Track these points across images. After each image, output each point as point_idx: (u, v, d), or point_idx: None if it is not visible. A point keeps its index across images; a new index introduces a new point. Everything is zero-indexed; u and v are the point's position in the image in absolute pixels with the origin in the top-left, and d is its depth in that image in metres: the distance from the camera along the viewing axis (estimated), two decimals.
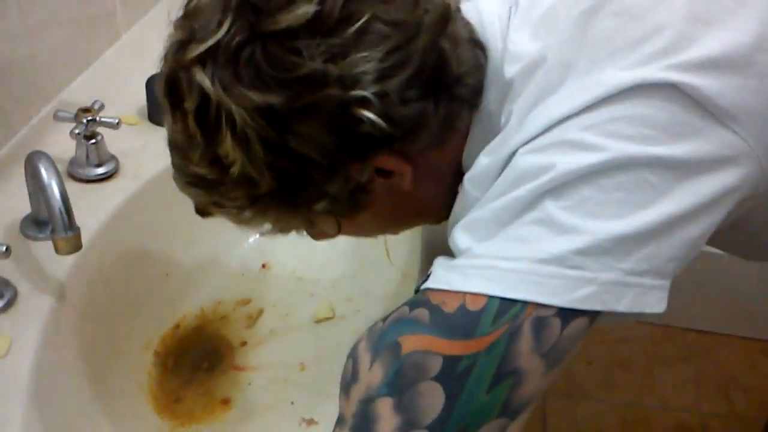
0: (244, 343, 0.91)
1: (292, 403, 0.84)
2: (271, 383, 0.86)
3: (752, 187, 0.51)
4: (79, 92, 0.99)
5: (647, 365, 1.67)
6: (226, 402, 0.84)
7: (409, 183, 0.57)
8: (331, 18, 0.50)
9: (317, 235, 0.67)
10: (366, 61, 0.50)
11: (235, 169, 0.52)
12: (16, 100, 0.90)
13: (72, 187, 0.86)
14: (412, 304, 0.50)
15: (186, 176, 0.57)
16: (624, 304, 0.48)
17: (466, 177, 0.57)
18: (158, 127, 0.95)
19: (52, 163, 0.70)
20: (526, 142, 0.51)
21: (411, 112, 0.53)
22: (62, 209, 0.68)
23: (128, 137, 0.94)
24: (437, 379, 0.47)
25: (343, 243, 1.03)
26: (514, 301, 0.47)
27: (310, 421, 0.79)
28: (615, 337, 1.73)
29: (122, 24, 1.12)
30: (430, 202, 0.63)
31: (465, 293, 0.48)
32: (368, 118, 0.51)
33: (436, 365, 0.47)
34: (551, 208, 0.48)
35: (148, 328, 0.88)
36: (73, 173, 0.89)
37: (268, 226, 0.61)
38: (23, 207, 0.80)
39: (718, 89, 0.48)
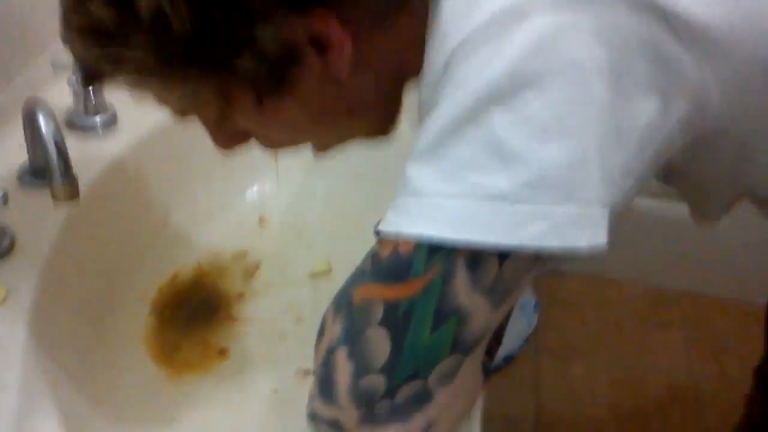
0: (241, 295, 0.91)
1: (288, 354, 0.85)
2: (267, 335, 0.87)
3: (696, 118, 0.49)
4: None
5: (640, 327, 1.69)
6: (222, 352, 0.84)
7: (346, 66, 0.50)
8: None
9: (231, 139, 0.58)
10: None
11: (143, 4, 0.44)
12: (12, 47, 0.89)
13: (69, 136, 0.86)
14: (366, 255, 0.51)
15: (79, 19, 0.47)
16: (585, 238, 0.45)
17: (422, 81, 0.51)
18: None
19: (49, 109, 0.69)
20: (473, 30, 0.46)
21: None
22: (59, 156, 0.67)
23: None
24: (382, 324, 0.47)
25: (341, 197, 1.03)
26: (444, 244, 0.45)
27: (306, 371, 0.80)
28: (608, 300, 1.74)
29: None
30: (365, 101, 0.57)
31: (398, 237, 0.47)
32: None
33: (379, 311, 0.47)
34: (497, 122, 0.44)
35: (145, 279, 0.89)
36: (71, 123, 0.88)
37: (174, 99, 0.52)
38: (21, 155, 0.79)
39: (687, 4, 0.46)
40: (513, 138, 0.44)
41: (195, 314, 0.88)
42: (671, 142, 0.50)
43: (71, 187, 0.68)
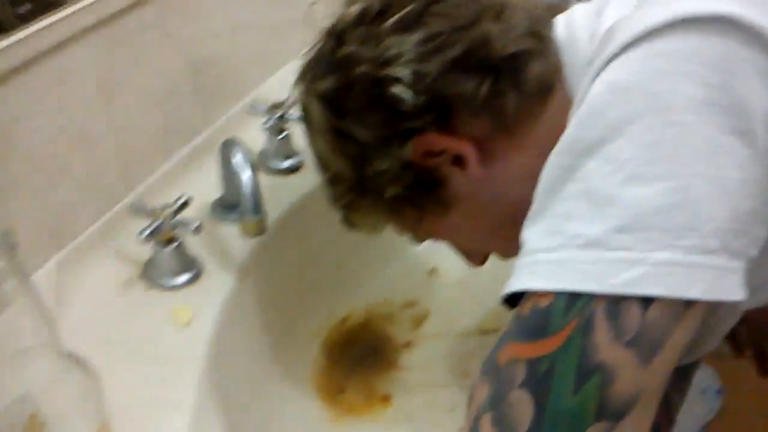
0: (408, 344, 0.91)
1: (453, 409, 0.83)
2: (432, 386, 0.85)
3: None
4: (271, 90, 1.04)
5: None
6: (386, 399, 0.84)
7: (479, 169, 0.58)
8: (372, 10, 0.59)
9: (428, 234, 0.69)
10: (401, 44, 0.57)
11: (321, 164, 0.66)
12: (216, 93, 0.96)
13: (260, 177, 0.91)
14: (512, 317, 0.49)
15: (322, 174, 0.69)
16: (698, 289, 0.42)
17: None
18: None
19: (245, 150, 0.74)
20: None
21: (447, 90, 0.56)
22: (252, 193, 0.71)
23: None
24: (524, 385, 0.44)
25: None
26: (579, 294, 0.43)
27: None
28: None
29: (314, 28, 1.16)
30: (524, 204, 0.58)
31: (533, 293, 0.45)
32: (399, 94, 0.56)
33: (521, 372, 0.44)
34: (592, 174, 0.44)
35: (318, 318, 0.91)
36: (261, 164, 0.93)
37: (371, 225, 0.69)
38: (215, 190, 0.85)
39: None
40: (608, 185, 0.43)
41: (362, 358, 0.89)
42: None
43: (260, 222, 0.72)
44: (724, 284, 0.43)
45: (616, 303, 0.43)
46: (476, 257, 0.73)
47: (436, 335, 0.93)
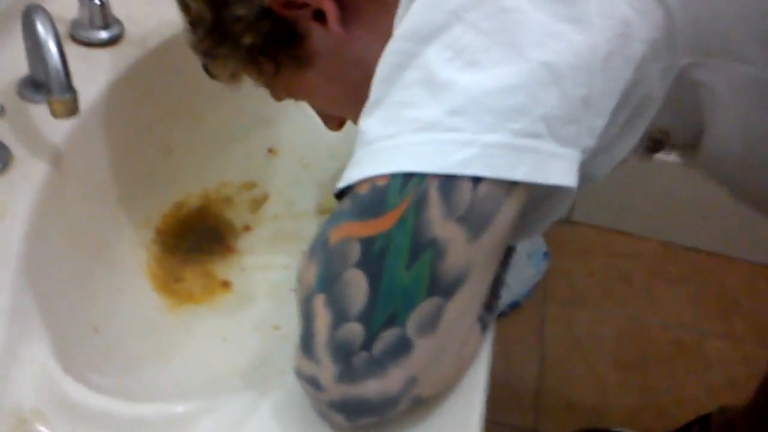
0: (246, 227, 0.88)
1: (293, 289, 0.82)
2: (273, 268, 0.84)
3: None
4: None
5: (649, 281, 1.67)
6: (226, 284, 0.82)
7: (339, 27, 0.57)
8: None
9: (285, 91, 0.68)
10: None
11: (181, 5, 0.62)
12: None
13: (73, 49, 0.81)
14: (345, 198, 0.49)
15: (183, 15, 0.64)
16: (522, 171, 0.44)
17: None
18: None
19: (49, 18, 0.65)
20: None
21: None
22: (59, 68, 0.63)
23: (137, 0, 0.88)
24: (358, 264, 0.45)
25: (354, 131, 0.99)
26: (414, 174, 0.45)
27: None
28: (618, 252, 1.72)
29: None
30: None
31: (372, 177, 0.46)
32: None
33: (355, 251, 0.45)
34: (431, 61, 0.45)
35: (149, 205, 0.85)
36: (75, 35, 0.84)
37: (229, 74, 0.65)
38: (21, 67, 0.75)
39: None
40: (445, 71, 0.44)
41: (199, 244, 0.85)
42: (641, 70, 0.48)
43: (71, 102, 0.64)
44: (550, 169, 0.45)
45: (448, 182, 0.44)
46: (332, 121, 0.72)
47: (275, 217, 0.90)
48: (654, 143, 0.59)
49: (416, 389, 0.48)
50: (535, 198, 0.50)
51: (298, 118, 1.00)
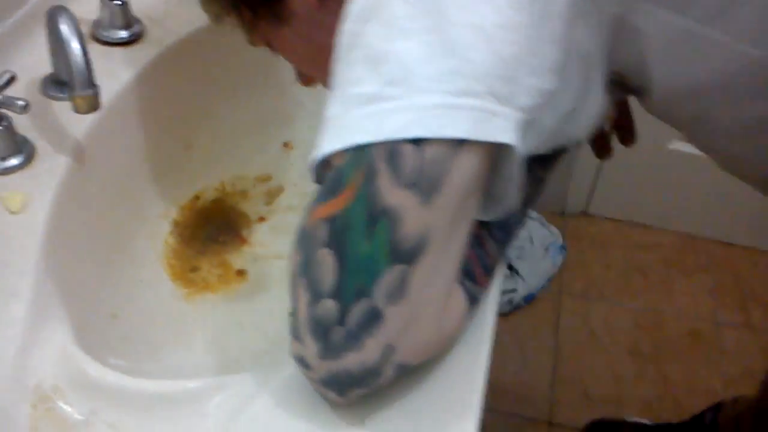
0: (262, 219, 0.91)
1: None
2: (286, 258, 0.86)
3: None
4: None
5: (666, 273, 1.67)
6: (241, 274, 0.84)
7: None
8: None
9: (262, 41, 0.68)
10: None
11: None
12: None
13: (95, 48, 0.84)
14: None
15: None
16: (463, 129, 0.45)
17: None
18: None
19: (73, 18, 0.68)
20: None
21: None
22: (82, 65, 0.66)
23: (156, 0, 0.91)
24: (326, 244, 0.47)
25: None
26: (362, 146, 0.46)
27: None
28: (635, 243, 1.72)
29: None
30: None
31: (331, 158, 0.48)
32: None
33: (322, 231, 0.47)
34: (371, 37, 0.47)
35: (167, 198, 0.88)
36: (97, 35, 0.87)
37: (214, 14, 0.66)
38: (45, 66, 0.78)
39: None
40: (382, 44, 0.46)
41: (215, 235, 0.88)
42: (571, 25, 0.49)
43: (92, 97, 0.67)
44: (491, 126, 0.46)
45: (392, 148, 0.45)
46: (304, 78, 0.73)
47: (290, 208, 0.93)
48: (618, 86, 0.61)
49: (396, 357, 0.49)
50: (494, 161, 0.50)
51: (314, 114, 1.02)
